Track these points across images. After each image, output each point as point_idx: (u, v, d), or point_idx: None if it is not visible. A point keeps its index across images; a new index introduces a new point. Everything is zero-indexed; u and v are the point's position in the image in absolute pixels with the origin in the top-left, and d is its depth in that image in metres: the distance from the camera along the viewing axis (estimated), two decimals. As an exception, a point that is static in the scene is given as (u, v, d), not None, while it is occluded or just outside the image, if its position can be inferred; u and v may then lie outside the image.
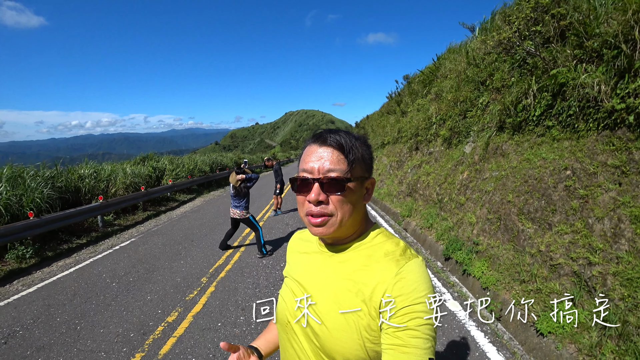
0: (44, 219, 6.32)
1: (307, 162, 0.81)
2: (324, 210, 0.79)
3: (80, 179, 8.87)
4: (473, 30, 7.21)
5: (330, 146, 0.80)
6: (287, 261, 1.06)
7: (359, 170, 0.82)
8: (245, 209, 5.68)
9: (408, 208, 7.38)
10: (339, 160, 0.79)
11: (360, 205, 0.84)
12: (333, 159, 0.79)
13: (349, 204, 0.80)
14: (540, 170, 3.82)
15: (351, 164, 0.79)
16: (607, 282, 2.67)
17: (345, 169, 0.79)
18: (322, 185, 0.78)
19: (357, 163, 0.81)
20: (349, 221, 0.82)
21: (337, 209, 0.79)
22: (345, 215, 0.80)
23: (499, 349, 2.97)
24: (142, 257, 5.94)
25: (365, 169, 0.84)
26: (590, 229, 2.99)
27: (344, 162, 0.79)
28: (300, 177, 0.82)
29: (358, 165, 0.81)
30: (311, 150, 0.82)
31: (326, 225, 0.80)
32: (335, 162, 0.79)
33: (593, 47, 3.36)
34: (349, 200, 0.80)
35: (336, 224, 0.80)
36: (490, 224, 4.38)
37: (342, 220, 0.80)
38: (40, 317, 3.88)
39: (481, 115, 5.82)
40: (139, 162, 13.55)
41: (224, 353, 3.05)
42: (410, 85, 11.94)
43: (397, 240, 0.86)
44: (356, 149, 0.81)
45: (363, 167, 0.83)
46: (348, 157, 0.79)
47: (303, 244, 1.02)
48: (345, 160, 0.79)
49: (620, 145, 2.98)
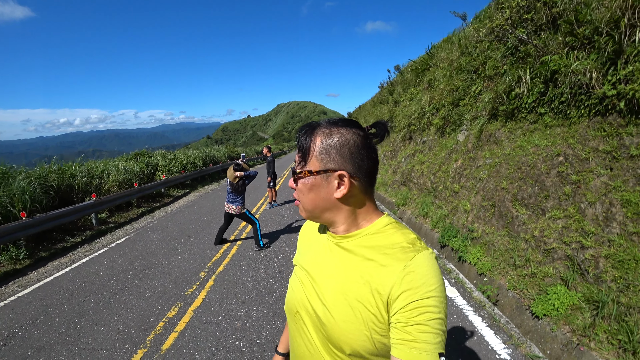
0: (37, 218, 6.24)
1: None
2: (296, 195, 0.88)
3: (72, 177, 8.74)
4: (465, 18, 7.19)
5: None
6: (297, 248, 1.05)
7: (316, 163, 0.80)
8: (241, 205, 5.67)
9: (403, 197, 7.44)
10: (299, 155, 0.84)
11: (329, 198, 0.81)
12: (299, 153, 0.85)
13: (307, 194, 0.84)
14: (533, 157, 3.87)
15: (302, 157, 0.83)
16: (600, 264, 2.75)
17: (301, 162, 0.83)
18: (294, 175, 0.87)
19: (311, 156, 0.80)
20: (326, 212, 0.84)
21: (298, 197, 0.86)
22: (307, 204, 0.84)
23: (497, 333, 3.05)
24: (138, 253, 5.92)
25: (328, 160, 0.79)
26: (583, 214, 3.06)
27: (298, 154, 0.84)
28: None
29: (315, 159, 0.80)
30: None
31: (299, 209, 0.88)
32: (298, 156, 0.84)
33: (584, 34, 3.39)
34: (308, 191, 0.83)
35: (304, 210, 0.87)
36: (485, 210, 4.45)
37: (306, 208, 0.85)
38: (38, 317, 3.86)
39: (474, 104, 5.85)
40: (131, 159, 13.38)
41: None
42: (402, 74, 11.91)
43: (407, 231, 0.83)
44: (309, 144, 0.81)
45: (324, 159, 0.79)
46: (303, 152, 0.82)
47: (314, 231, 1.00)
48: (302, 154, 0.83)
49: (612, 131, 3.03)
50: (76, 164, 9.68)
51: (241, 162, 5.85)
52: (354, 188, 0.81)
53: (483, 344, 2.91)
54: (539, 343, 2.81)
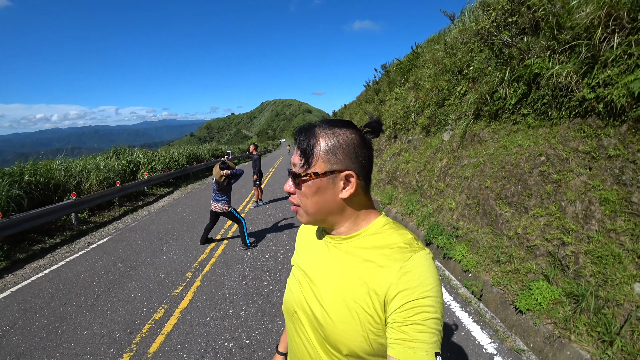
0: (13, 219, 5.99)
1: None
2: (294, 200, 0.85)
3: (49, 175, 8.42)
4: (453, 18, 7.31)
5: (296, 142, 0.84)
6: (295, 248, 1.05)
7: (322, 165, 0.79)
8: (227, 203, 5.61)
9: (388, 195, 7.52)
10: (299, 155, 0.82)
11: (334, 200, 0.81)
12: (297, 153, 0.82)
13: (311, 197, 0.81)
14: (516, 157, 3.99)
15: (306, 159, 0.80)
16: (580, 260, 2.86)
17: (301, 163, 0.81)
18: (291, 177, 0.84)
19: (316, 158, 0.79)
20: (330, 214, 0.83)
21: (300, 201, 0.83)
22: (308, 207, 0.82)
23: (483, 328, 3.13)
24: (122, 254, 5.78)
25: (335, 161, 0.79)
26: (564, 212, 3.18)
27: (302, 157, 0.81)
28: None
29: (321, 161, 0.79)
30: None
31: (298, 214, 0.86)
32: (297, 156, 0.82)
33: (565, 39, 3.51)
34: (312, 194, 0.81)
35: (304, 214, 0.84)
36: (469, 209, 4.55)
37: (308, 211, 0.83)
38: (17, 322, 3.71)
39: (459, 104, 5.97)
40: (112, 156, 13.01)
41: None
42: (388, 74, 12.02)
43: (404, 231, 0.83)
44: (310, 145, 0.80)
45: (331, 160, 0.79)
46: (304, 152, 0.81)
47: (311, 231, 1.00)
48: (303, 155, 0.81)
49: (591, 132, 3.15)
50: (53, 161, 9.34)
51: (227, 159, 5.77)
52: (358, 187, 0.82)
53: (470, 339, 2.98)
54: (523, 337, 2.91)
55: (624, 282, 2.48)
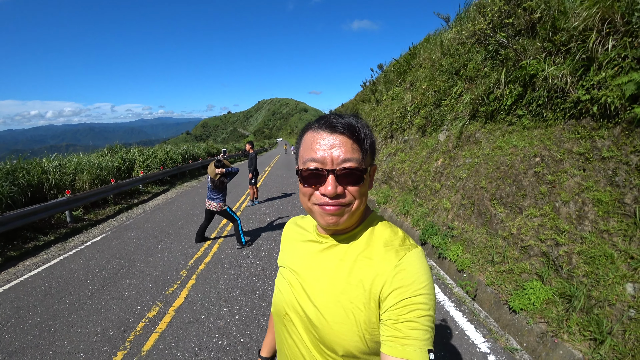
0: (6, 216, 5.92)
1: (315, 151, 0.74)
2: (342, 200, 0.75)
3: (43, 172, 8.34)
4: (448, 20, 7.34)
5: (343, 133, 0.74)
6: (281, 249, 1.02)
7: (369, 158, 0.79)
8: (222, 201, 5.59)
9: (384, 195, 7.54)
10: (353, 149, 0.74)
11: (367, 194, 0.81)
12: (348, 147, 0.74)
13: (364, 194, 0.78)
14: (511, 157, 4.01)
15: (365, 152, 0.76)
16: (573, 260, 2.89)
17: (360, 158, 0.75)
18: (337, 177, 0.74)
19: (369, 151, 0.78)
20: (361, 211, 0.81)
21: (355, 199, 0.77)
22: (362, 205, 0.79)
23: (477, 327, 3.15)
24: (116, 252, 5.74)
25: (372, 156, 0.81)
26: (557, 212, 3.20)
27: (358, 151, 0.75)
28: (311, 168, 0.75)
29: (369, 154, 0.78)
30: (319, 137, 0.75)
31: (343, 215, 0.77)
32: (350, 151, 0.74)
33: (561, 40, 3.53)
34: (364, 190, 0.78)
35: (350, 217, 0.78)
36: (465, 209, 4.58)
37: (355, 211, 0.78)
38: (9, 320, 3.68)
39: (455, 104, 5.99)
40: (106, 154, 12.91)
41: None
42: (385, 74, 12.04)
43: (395, 229, 0.84)
44: (368, 136, 0.77)
45: (372, 154, 0.80)
46: (362, 145, 0.75)
47: (300, 231, 0.97)
48: (360, 149, 0.75)
49: (585, 134, 3.18)
50: (47, 159, 9.25)
51: (222, 157, 5.75)
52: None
53: (464, 338, 3.00)
54: (517, 336, 2.93)
55: (616, 283, 2.51)
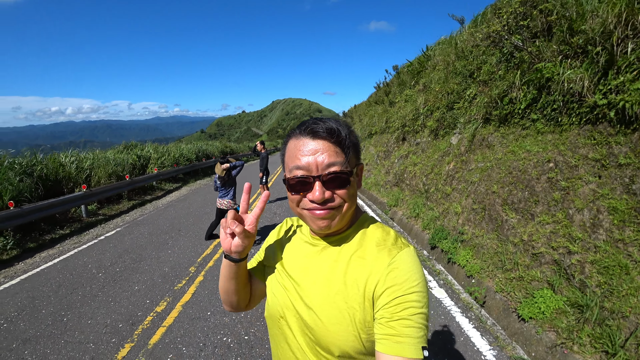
0: (25, 209, 6.13)
1: (299, 158, 0.75)
2: (331, 204, 0.76)
3: (61, 167, 8.61)
4: (463, 22, 7.24)
5: (325, 138, 0.74)
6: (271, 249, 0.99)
7: (354, 159, 0.79)
8: (232, 199, 5.65)
9: (395, 198, 7.49)
10: (337, 153, 0.74)
11: (356, 194, 0.81)
12: (331, 152, 0.74)
13: (353, 195, 0.79)
14: (524, 162, 3.93)
15: (347, 154, 0.76)
16: (585, 270, 2.81)
17: (344, 160, 0.75)
18: (323, 182, 0.74)
19: (352, 152, 0.78)
20: (351, 212, 0.82)
21: (345, 202, 0.77)
22: (352, 206, 0.79)
23: (483, 334, 3.09)
24: (128, 247, 5.87)
25: (357, 155, 0.81)
26: (571, 220, 3.12)
27: (341, 154, 0.75)
28: (297, 176, 0.76)
29: (352, 154, 0.78)
30: (301, 144, 0.76)
31: (334, 218, 0.78)
32: (334, 155, 0.74)
33: (578, 43, 3.44)
34: (353, 192, 0.79)
35: (343, 215, 0.78)
36: (475, 214, 4.50)
37: (345, 214, 0.79)
38: (24, 309, 3.80)
39: (468, 107, 5.90)
40: (122, 151, 13.23)
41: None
42: (399, 75, 11.95)
43: (387, 229, 0.85)
44: (348, 137, 0.77)
45: (355, 154, 0.80)
46: (344, 147, 0.76)
47: (291, 233, 0.97)
48: (343, 151, 0.75)
49: (601, 140, 3.08)
50: (64, 154, 9.54)
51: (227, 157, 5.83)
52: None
53: (469, 345, 2.95)
54: (525, 345, 2.86)
55: (631, 294, 2.43)
